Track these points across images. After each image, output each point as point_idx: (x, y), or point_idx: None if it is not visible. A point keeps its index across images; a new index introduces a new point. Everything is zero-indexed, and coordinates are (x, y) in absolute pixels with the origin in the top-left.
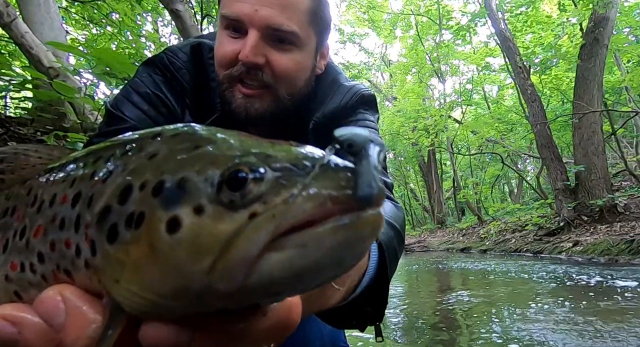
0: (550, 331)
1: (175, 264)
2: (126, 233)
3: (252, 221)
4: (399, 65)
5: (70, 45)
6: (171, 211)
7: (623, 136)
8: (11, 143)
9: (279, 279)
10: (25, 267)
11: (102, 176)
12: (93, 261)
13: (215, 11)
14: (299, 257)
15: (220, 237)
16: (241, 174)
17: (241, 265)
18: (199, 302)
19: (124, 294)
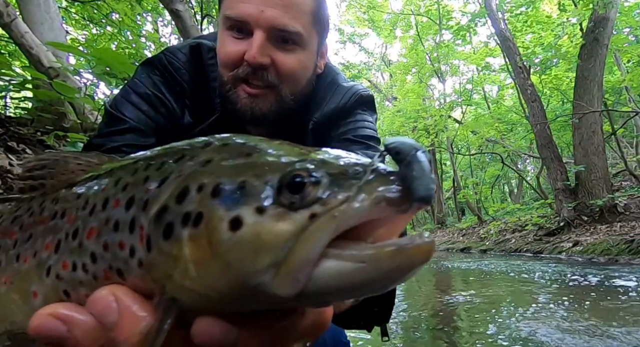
0: (550, 331)
1: (236, 261)
2: (182, 231)
3: (313, 221)
4: (399, 65)
5: (70, 45)
6: (233, 211)
7: (623, 136)
8: (11, 143)
9: (335, 288)
10: (77, 267)
11: (156, 181)
12: (147, 258)
13: (215, 11)
14: (357, 272)
15: (283, 236)
16: (299, 178)
17: (303, 268)
18: (253, 300)
19: (177, 289)
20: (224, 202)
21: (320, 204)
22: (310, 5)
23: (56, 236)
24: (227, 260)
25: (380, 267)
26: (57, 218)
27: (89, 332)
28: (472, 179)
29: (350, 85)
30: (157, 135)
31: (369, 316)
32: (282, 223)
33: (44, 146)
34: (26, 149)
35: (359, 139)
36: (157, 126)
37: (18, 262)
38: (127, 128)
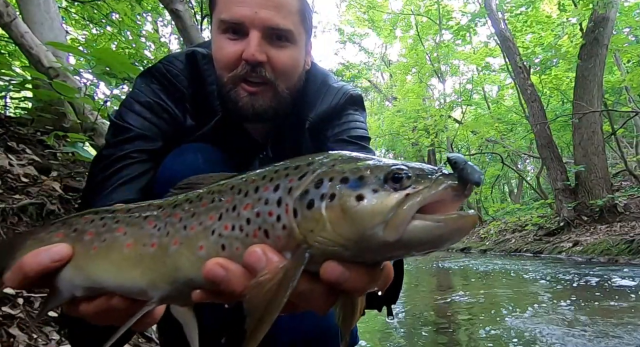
0: (550, 331)
1: (362, 221)
2: (321, 203)
3: (408, 198)
4: (399, 65)
5: (70, 45)
6: (357, 191)
7: (623, 136)
8: (11, 143)
9: (419, 238)
10: (235, 228)
11: (296, 176)
12: (292, 223)
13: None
14: (435, 228)
15: (389, 205)
16: (398, 174)
17: (402, 223)
18: (368, 247)
19: (315, 239)
20: (350, 186)
21: (411, 189)
22: (297, 5)
23: (218, 211)
24: (353, 219)
25: (448, 226)
26: (216, 201)
27: (240, 276)
28: None
29: (340, 86)
30: (162, 139)
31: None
32: (389, 197)
33: (43, 146)
34: (26, 149)
35: (353, 140)
36: (161, 131)
37: (186, 230)
38: (134, 136)
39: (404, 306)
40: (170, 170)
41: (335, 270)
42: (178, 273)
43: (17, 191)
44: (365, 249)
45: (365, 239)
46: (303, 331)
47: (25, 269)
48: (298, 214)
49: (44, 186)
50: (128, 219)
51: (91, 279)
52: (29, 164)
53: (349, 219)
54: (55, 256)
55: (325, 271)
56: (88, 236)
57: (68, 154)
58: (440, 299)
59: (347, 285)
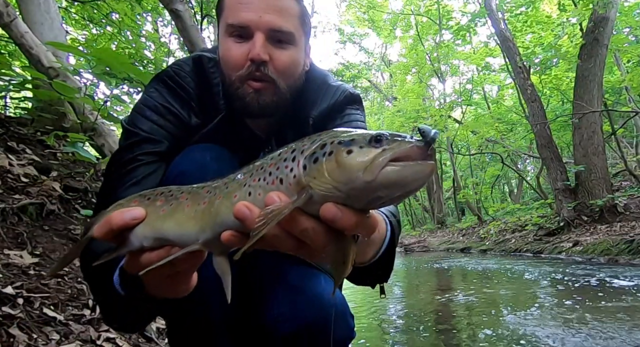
0: (550, 331)
1: (349, 167)
2: (322, 158)
3: (384, 151)
4: (399, 65)
5: (70, 45)
6: (347, 147)
7: (623, 136)
8: (11, 143)
9: (389, 179)
10: (261, 179)
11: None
12: (301, 173)
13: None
14: (402, 171)
15: (371, 156)
16: (379, 137)
17: (378, 167)
18: (353, 188)
19: (318, 185)
20: (343, 144)
21: (387, 146)
22: (297, 9)
23: (251, 171)
24: (346, 167)
25: (411, 169)
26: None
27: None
28: (472, 179)
29: (338, 84)
30: (169, 140)
31: (374, 276)
32: (371, 151)
33: (43, 146)
34: (26, 149)
35: None
36: (168, 133)
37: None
38: (142, 139)
39: (404, 305)
40: (179, 167)
41: (331, 209)
42: (217, 218)
43: (17, 191)
44: (351, 190)
45: (351, 180)
46: (306, 319)
47: (112, 222)
48: (307, 167)
49: (44, 186)
50: (190, 189)
51: (159, 233)
52: (29, 164)
53: (341, 166)
54: (135, 214)
55: (323, 210)
56: (159, 202)
57: (68, 154)
58: (440, 299)
59: (340, 223)
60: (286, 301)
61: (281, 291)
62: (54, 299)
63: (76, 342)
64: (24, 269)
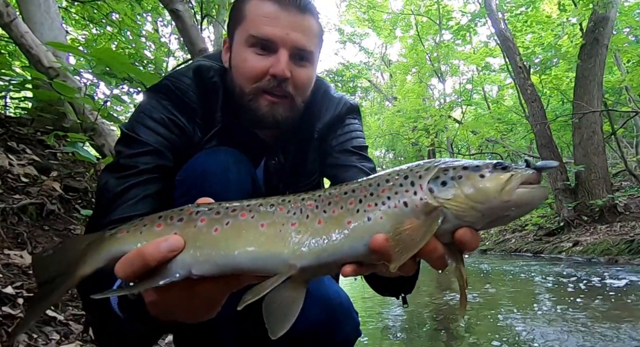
0: (550, 331)
1: (487, 188)
2: (452, 182)
3: (513, 176)
4: (399, 65)
5: (70, 45)
6: (478, 172)
7: (623, 136)
8: (11, 143)
9: (522, 199)
10: (378, 204)
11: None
12: (429, 194)
13: (215, 11)
14: (532, 192)
15: (504, 178)
16: (500, 164)
17: (513, 188)
18: (490, 207)
19: (455, 205)
20: (472, 170)
21: (514, 171)
22: (317, 29)
23: (357, 198)
24: (480, 188)
25: (538, 190)
26: (349, 193)
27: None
28: None
29: (339, 96)
30: (173, 153)
31: (399, 287)
32: (501, 175)
33: (44, 146)
34: (26, 149)
35: (356, 150)
36: (173, 146)
37: (326, 213)
38: (148, 151)
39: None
40: (204, 166)
41: (467, 233)
42: (328, 244)
43: (17, 191)
44: (487, 209)
45: (488, 200)
46: (314, 319)
47: (147, 258)
48: (434, 190)
49: (44, 186)
50: (248, 208)
51: (216, 258)
52: (29, 164)
53: (477, 188)
54: (174, 244)
55: (460, 234)
56: (201, 222)
57: (68, 154)
58: (440, 299)
59: (469, 245)
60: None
61: None
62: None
63: (76, 342)
64: (24, 269)
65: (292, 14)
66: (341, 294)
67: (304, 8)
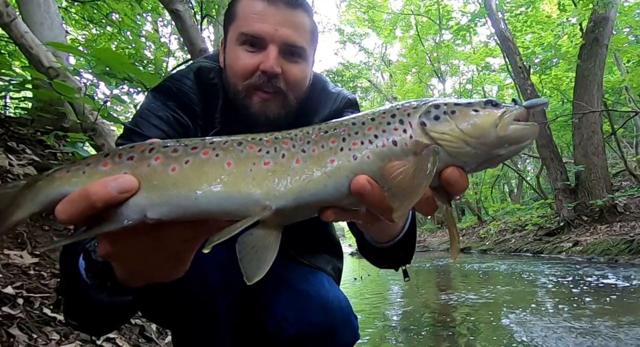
0: (550, 331)
1: (483, 123)
2: (445, 116)
3: (505, 112)
4: (399, 65)
5: (70, 46)
6: (471, 107)
7: (623, 136)
8: (11, 143)
9: (515, 135)
10: (365, 142)
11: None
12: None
13: (215, 11)
14: (525, 128)
15: (498, 114)
16: (492, 101)
17: (507, 124)
18: (485, 143)
19: (450, 141)
20: (464, 106)
21: (504, 109)
22: (310, 24)
23: (338, 137)
24: (475, 123)
25: (530, 127)
26: (331, 132)
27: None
28: (472, 178)
29: (338, 91)
30: None
31: (397, 258)
32: (494, 110)
33: (44, 146)
34: (26, 149)
35: None
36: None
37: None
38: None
39: (404, 305)
40: None
41: (455, 172)
42: (308, 184)
43: None
44: (482, 144)
45: (484, 135)
46: (310, 323)
47: (93, 198)
48: (427, 125)
49: None
50: (212, 145)
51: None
52: (29, 164)
53: (473, 123)
54: (125, 185)
55: (449, 174)
56: (155, 160)
57: (68, 154)
58: (440, 299)
59: (458, 187)
60: (290, 304)
61: (285, 294)
62: (54, 299)
63: (76, 342)
64: (24, 269)
65: (281, 9)
66: (341, 298)
67: (294, 4)
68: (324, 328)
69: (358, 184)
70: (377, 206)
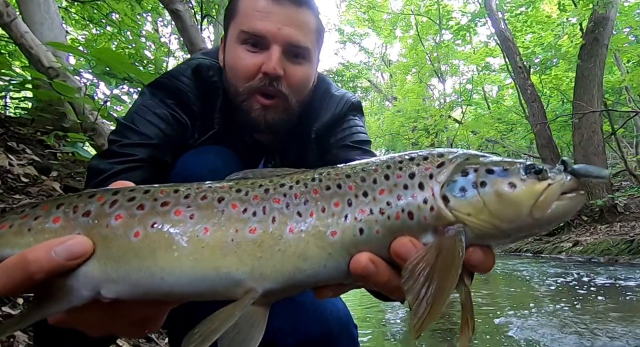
0: (550, 331)
1: (518, 204)
2: (473, 190)
3: (550, 186)
4: (399, 65)
5: (70, 46)
6: (507, 179)
7: (623, 136)
8: (11, 143)
9: (557, 214)
10: (374, 211)
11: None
12: (443, 205)
13: (215, 11)
14: (568, 205)
15: (538, 189)
16: (537, 168)
17: (549, 204)
18: (518, 226)
19: (477, 223)
20: (499, 175)
21: (550, 180)
22: (315, 24)
23: (344, 197)
24: (510, 202)
25: (575, 201)
26: (333, 188)
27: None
28: None
29: (341, 94)
30: (172, 150)
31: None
32: (536, 185)
33: (44, 146)
34: (26, 149)
35: (356, 145)
36: (172, 143)
37: (302, 216)
38: (146, 143)
39: (403, 305)
40: (190, 169)
41: (479, 254)
42: (304, 263)
43: (17, 191)
44: (515, 228)
45: (518, 218)
46: (307, 334)
47: (32, 267)
48: (450, 199)
49: (44, 186)
50: (186, 201)
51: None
52: (29, 164)
53: (506, 202)
54: (75, 249)
55: (473, 255)
56: (116, 219)
57: (68, 154)
58: None
59: (483, 267)
60: (285, 315)
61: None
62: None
63: None
64: None
65: (285, 7)
66: (339, 308)
67: (299, 1)
68: (320, 340)
69: (359, 266)
70: (384, 287)
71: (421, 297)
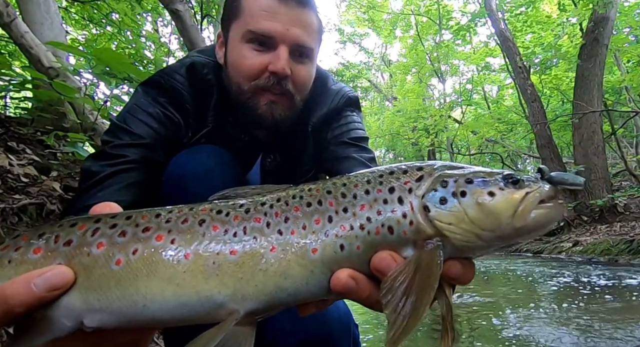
0: (550, 331)
1: (498, 213)
2: (453, 200)
3: (528, 194)
4: (399, 65)
5: (70, 46)
6: (486, 188)
7: (623, 136)
8: (11, 143)
9: (537, 222)
10: (355, 227)
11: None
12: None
13: (215, 11)
14: (549, 213)
15: (516, 198)
16: (515, 178)
17: (528, 212)
18: (499, 235)
19: (458, 233)
20: (478, 185)
21: (528, 189)
22: (317, 24)
23: (324, 214)
24: (490, 211)
25: (554, 211)
26: (314, 205)
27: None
28: None
29: (338, 88)
30: (165, 149)
31: None
32: (514, 194)
33: (44, 146)
34: (26, 149)
35: (354, 142)
36: (166, 143)
37: (282, 235)
38: (139, 143)
39: None
40: (183, 169)
41: (457, 267)
42: (285, 282)
43: (17, 191)
44: (496, 237)
45: (499, 227)
46: (307, 333)
47: (11, 301)
48: (431, 209)
49: (44, 186)
50: (168, 225)
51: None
52: (29, 164)
53: (486, 211)
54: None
55: (451, 268)
56: (97, 248)
57: (68, 154)
58: None
59: (463, 279)
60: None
61: None
62: None
63: None
64: None
65: (292, 8)
66: (340, 307)
67: (304, 2)
68: (320, 338)
69: (339, 283)
70: (365, 301)
71: (399, 311)
